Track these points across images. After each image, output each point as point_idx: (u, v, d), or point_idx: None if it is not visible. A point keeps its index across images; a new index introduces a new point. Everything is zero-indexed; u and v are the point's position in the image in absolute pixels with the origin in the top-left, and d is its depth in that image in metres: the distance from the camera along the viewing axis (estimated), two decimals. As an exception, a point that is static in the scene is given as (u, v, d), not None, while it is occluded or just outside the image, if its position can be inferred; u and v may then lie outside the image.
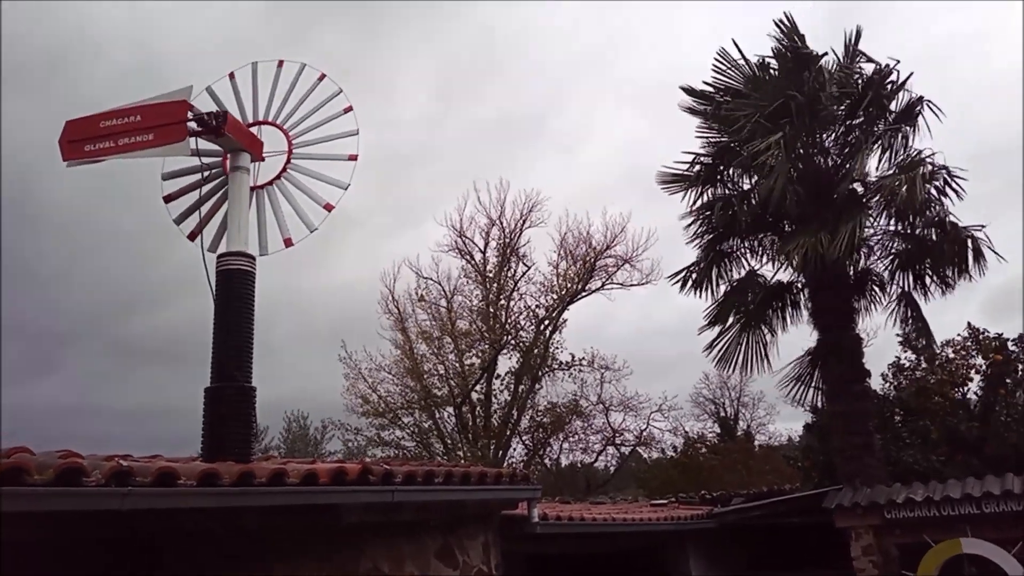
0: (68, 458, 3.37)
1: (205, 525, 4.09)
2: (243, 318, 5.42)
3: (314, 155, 6.20)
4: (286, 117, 6.27)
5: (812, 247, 11.18)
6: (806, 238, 11.41)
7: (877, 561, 10.32)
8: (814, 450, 15.41)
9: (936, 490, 10.20)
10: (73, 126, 5.44)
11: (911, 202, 11.18)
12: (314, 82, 6.30)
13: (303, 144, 6.22)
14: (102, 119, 5.44)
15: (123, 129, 5.39)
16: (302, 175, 6.16)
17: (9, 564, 3.25)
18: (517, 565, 10.08)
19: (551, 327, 21.47)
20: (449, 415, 21.25)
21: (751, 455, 24.72)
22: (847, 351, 12.33)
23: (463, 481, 6.01)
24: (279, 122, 6.27)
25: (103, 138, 5.37)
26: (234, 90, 6.31)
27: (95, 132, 5.39)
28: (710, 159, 13.69)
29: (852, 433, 11.93)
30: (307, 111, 6.27)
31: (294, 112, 6.28)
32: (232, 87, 6.31)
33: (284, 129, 6.24)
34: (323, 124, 6.24)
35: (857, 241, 11.29)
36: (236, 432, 5.20)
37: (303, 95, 6.30)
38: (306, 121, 6.26)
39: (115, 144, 5.36)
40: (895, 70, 12.49)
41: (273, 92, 6.32)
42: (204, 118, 5.58)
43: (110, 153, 5.40)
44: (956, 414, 14.00)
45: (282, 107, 6.30)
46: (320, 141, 6.21)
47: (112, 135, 5.38)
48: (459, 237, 22.43)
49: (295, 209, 6.06)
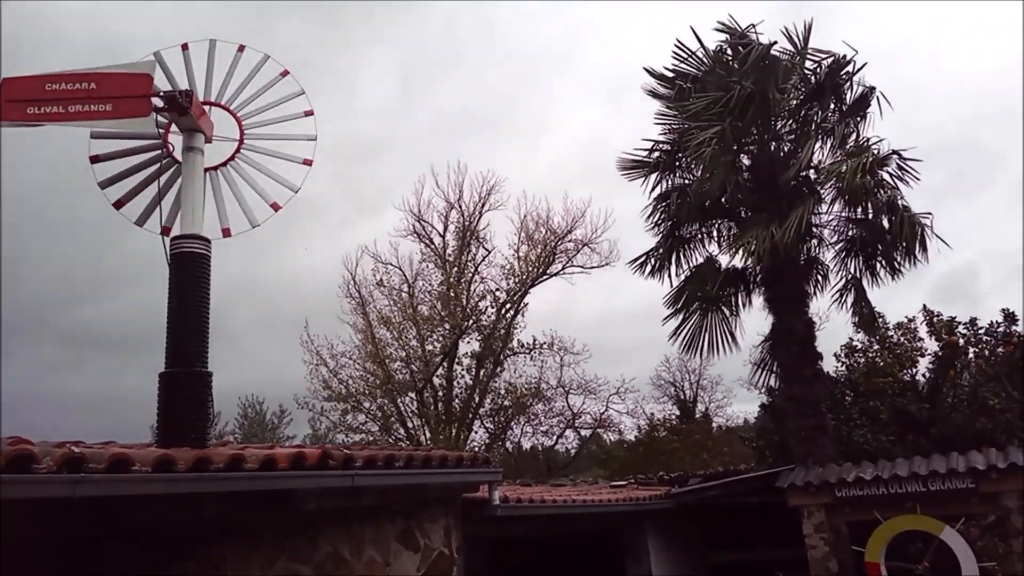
0: (18, 445, 3.29)
1: (159, 514, 4.03)
2: (198, 302, 5.33)
3: (268, 151, 6.08)
4: (241, 104, 6.10)
5: (766, 238, 11.37)
6: (760, 229, 11.62)
7: (828, 538, 10.62)
8: (769, 431, 15.74)
9: (885, 469, 10.51)
10: (12, 84, 5.05)
11: (859, 187, 11.42)
12: (275, 76, 6.16)
13: (256, 137, 6.09)
14: (47, 81, 5.10)
15: (74, 96, 5.08)
16: (251, 167, 6.04)
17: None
18: (479, 548, 10.16)
19: (512, 311, 21.53)
20: (411, 399, 21.21)
21: (710, 436, 25.17)
22: (800, 336, 12.60)
23: (424, 465, 6.02)
24: (232, 107, 6.09)
25: (49, 102, 5.05)
26: (186, 63, 6.08)
27: (39, 94, 5.05)
28: (668, 146, 13.82)
29: (805, 416, 12.21)
30: (264, 104, 6.12)
31: (250, 101, 6.11)
32: (184, 60, 6.07)
33: (237, 116, 6.07)
34: (281, 122, 6.11)
35: (805, 228, 11.52)
36: (191, 418, 5.14)
37: (262, 86, 6.15)
38: (263, 114, 6.12)
39: (64, 111, 5.06)
40: (852, 60, 12.72)
41: (230, 76, 6.13)
42: (175, 96, 5.40)
43: (58, 119, 5.09)
44: (905, 395, 14.41)
45: (237, 93, 6.13)
46: (275, 138, 6.09)
47: (60, 100, 5.06)
48: (417, 221, 22.30)
49: (239, 201, 5.96)
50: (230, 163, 6.00)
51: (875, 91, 12.71)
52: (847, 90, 12.94)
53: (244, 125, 6.06)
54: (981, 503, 9.92)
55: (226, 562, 4.56)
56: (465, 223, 22.13)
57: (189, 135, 5.71)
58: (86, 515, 3.62)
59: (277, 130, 6.11)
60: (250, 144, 6.06)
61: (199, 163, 5.72)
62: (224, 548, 4.57)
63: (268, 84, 6.17)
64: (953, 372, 14.58)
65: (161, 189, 5.71)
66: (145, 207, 5.77)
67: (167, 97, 5.39)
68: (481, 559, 10.81)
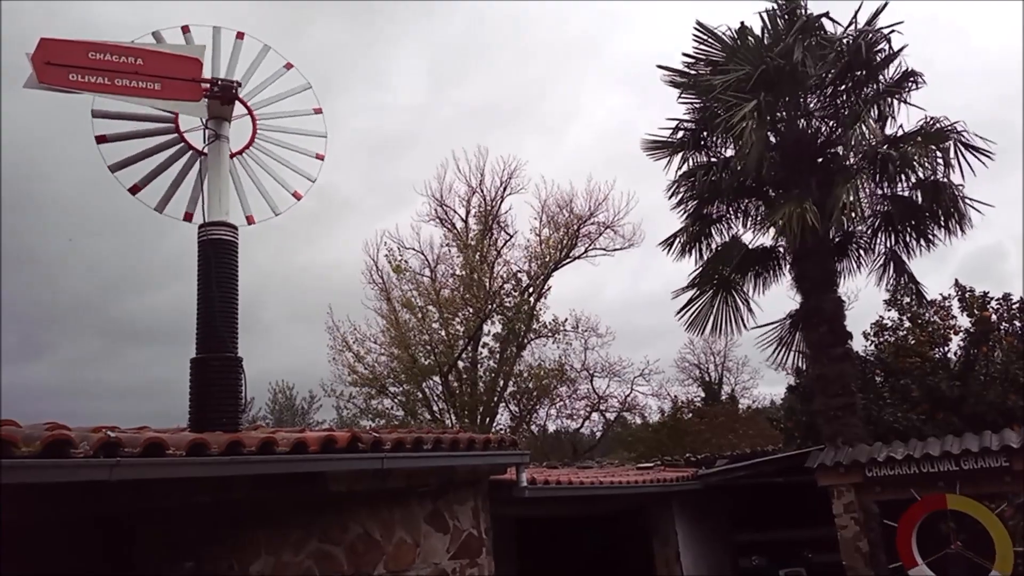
0: (55, 430, 3.35)
1: (193, 497, 4.10)
2: (227, 288, 5.37)
3: (283, 142, 6.09)
4: (249, 95, 6.05)
5: (800, 216, 11.19)
6: (792, 206, 11.41)
7: (858, 518, 10.53)
8: (796, 411, 15.63)
9: (916, 448, 10.38)
10: (51, 47, 4.85)
11: (911, 161, 11.33)
12: (279, 69, 6.11)
13: (269, 128, 6.09)
14: (89, 49, 4.95)
15: (120, 68, 4.96)
16: (268, 157, 6.06)
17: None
18: (507, 528, 10.22)
19: (535, 294, 21.51)
20: (436, 383, 21.31)
21: (736, 418, 25.07)
22: (829, 314, 12.44)
23: (452, 447, 6.04)
24: (242, 96, 6.04)
25: (93, 71, 4.90)
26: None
27: (82, 61, 4.90)
28: (693, 125, 13.65)
29: (834, 395, 12.08)
30: (272, 95, 6.09)
31: (258, 92, 6.08)
32: (185, 43, 5.86)
33: (249, 106, 6.03)
34: (291, 116, 6.11)
35: (852, 205, 11.31)
36: (223, 402, 5.19)
37: (268, 78, 6.10)
38: (272, 106, 6.11)
39: (110, 83, 4.92)
40: (887, 37, 12.41)
41: (233, 65, 6.01)
42: (229, 86, 5.39)
43: (102, 90, 4.96)
44: (936, 373, 14.21)
45: (245, 82, 6.02)
46: (287, 131, 6.09)
47: (106, 71, 4.92)
48: (439, 206, 22.31)
49: (259, 189, 5.99)
50: (245, 152, 6.01)
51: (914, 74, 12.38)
52: (886, 67, 12.61)
53: (256, 115, 6.06)
54: (1014, 481, 9.77)
55: (260, 543, 4.63)
56: (487, 208, 22.11)
57: (217, 122, 5.71)
58: (114, 496, 3.68)
59: (288, 123, 6.10)
60: (263, 135, 6.07)
61: (225, 151, 5.74)
62: (257, 531, 4.64)
63: (273, 76, 6.11)
64: (985, 348, 14.35)
65: (178, 176, 5.72)
66: (164, 194, 5.75)
67: (223, 86, 5.36)
68: (509, 538, 10.88)
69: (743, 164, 12.08)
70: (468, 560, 6.44)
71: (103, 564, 3.92)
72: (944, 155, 11.60)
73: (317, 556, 4.97)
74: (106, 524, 3.90)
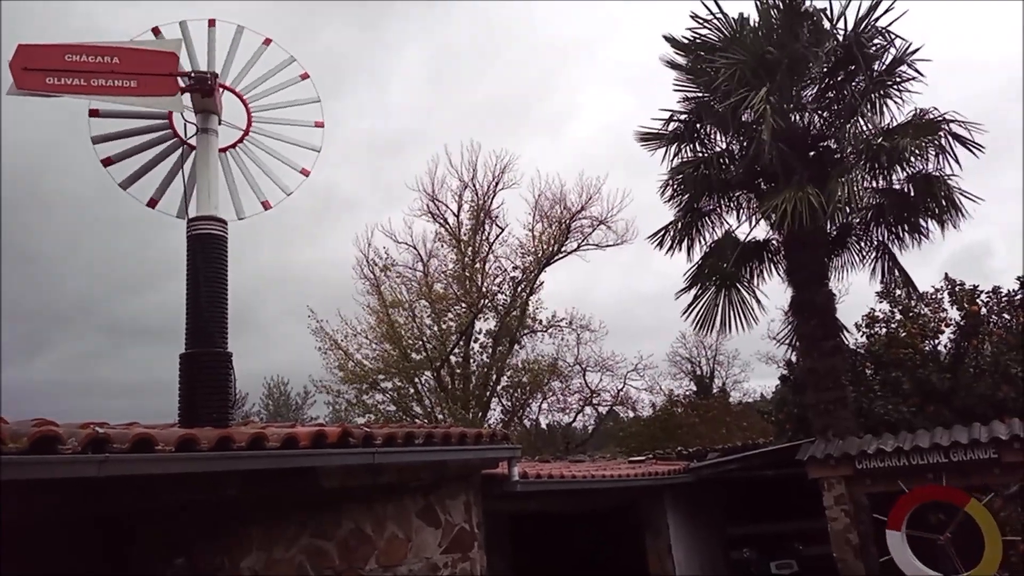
0: (43, 426, 3.32)
1: (186, 495, 4.07)
2: (216, 283, 5.34)
3: (278, 120, 6.05)
4: (236, 80, 6.03)
5: (803, 199, 11.16)
6: (792, 191, 11.38)
7: (848, 510, 10.58)
8: (788, 403, 15.67)
9: (906, 440, 10.43)
10: (28, 52, 4.89)
11: (904, 152, 11.30)
12: (259, 47, 6.07)
13: (262, 109, 6.05)
14: (66, 52, 4.99)
15: (97, 69, 5.00)
16: (268, 139, 6.02)
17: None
18: (501, 524, 10.23)
19: (528, 289, 21.50)
20: (428, 379, 21.31)
21: (728, 411, 25.15)
22: (820, 307, 12.47)
23: (444, 442, 6.04)
24: (230, 84, 6.00)
25: (70, 73, 4.94)
26: (185, 41, 5.90)
27: (58, 64, 4.94)
28: (687, 116, 13.62)
29: (825, 388, 12.11)
30: (257, 76, 6.05)
31: (244, 75, 6.05)
32: (184, 37, 5.91)
33: (240, 94, 6.00)
34: (278, 90, 6.06)
35: (855, 194, 11.29)
36: (213, 398, 5.17)
37: (250, 59, 6.07)
38: (260, 86, 6.07)
39: (86, 83, 4.96)
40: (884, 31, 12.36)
41: (211, 54, 5.99)
42: (205, 77, 5.36)
43: (79, 92, 5.00)
44: (927, 366, 14.28)
45: (226, 69, 6.03)
46: (279, 106, 6.05)
47: (82, 72, 4.96)
48: (431, 200, 22.25)
49: (266, 173, 5.96)
50: (244, 140, 5.98)
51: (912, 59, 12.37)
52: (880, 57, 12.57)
53: (247, 100, 6.02)
54: (1003, 473, 9.82)
55: (252, 539, 4.62)
56: (479, 202, 22.08)
57: (205, 116, 5.68)
58: (113, 495, 3.66)
59: (278, 99, 6.07)
60: (258, 118, 6.02)
61: (214, 144, 5.70)
62: (250, 527, 4.62)
63: (254, 56, 6.08)
64: (975, 341, 14.41)
65: (171, 170, 5.69)
66: (156, 188, 5.73)
67: (197, 78, 5.33)
68: (503, 534, 10.89)
69: (754, 151, 11.87)
70: (460, 554, 6.45)
71: (103, 564, 3.90)
72: (936, 146, 11.58)
73: (309, 552, 4.96)
74: (106, 524, 3.88)
